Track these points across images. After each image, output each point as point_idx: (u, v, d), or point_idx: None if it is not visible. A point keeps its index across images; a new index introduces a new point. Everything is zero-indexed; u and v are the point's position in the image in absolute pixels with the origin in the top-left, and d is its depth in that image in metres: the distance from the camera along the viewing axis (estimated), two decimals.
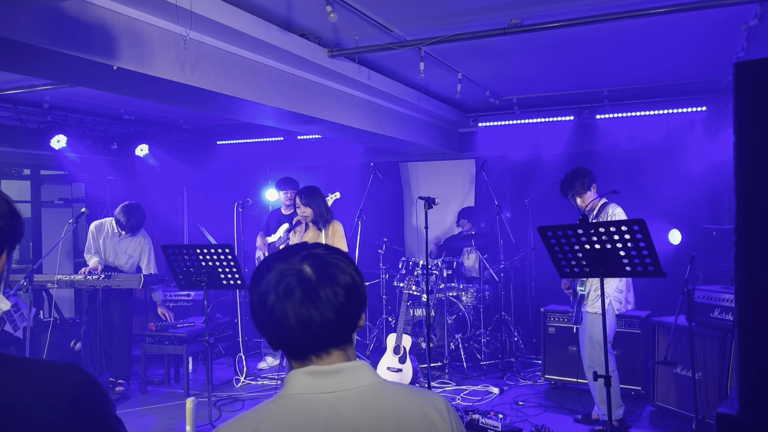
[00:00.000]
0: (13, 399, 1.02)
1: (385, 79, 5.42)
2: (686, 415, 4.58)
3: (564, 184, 4.59)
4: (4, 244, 1.13)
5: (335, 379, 1.15)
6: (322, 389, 1.14)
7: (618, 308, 4.41)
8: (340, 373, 1.16)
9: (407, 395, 1.21)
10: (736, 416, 2.15)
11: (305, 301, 1.13)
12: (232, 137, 8.41)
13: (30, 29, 2.85)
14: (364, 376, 1.18)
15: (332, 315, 1.15)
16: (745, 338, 2.15)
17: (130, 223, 5.64)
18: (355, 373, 1.17)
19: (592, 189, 4.54)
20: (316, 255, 1.18)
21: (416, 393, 1.23)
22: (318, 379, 1.15)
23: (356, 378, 1.17)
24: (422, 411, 1.19)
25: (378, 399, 1.16)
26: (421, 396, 1.22)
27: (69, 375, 1.07)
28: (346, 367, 1.17)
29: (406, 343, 5.51)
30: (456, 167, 7.95)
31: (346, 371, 1.17)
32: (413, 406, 1.19)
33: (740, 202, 2.15)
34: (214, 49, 3.91)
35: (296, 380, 1.16)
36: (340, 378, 1.16)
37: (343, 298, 1.16)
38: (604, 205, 4.51)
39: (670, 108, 6.40)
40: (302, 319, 1.13)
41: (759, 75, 2.13)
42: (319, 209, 4.83)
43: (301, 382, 1.16)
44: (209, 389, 4.69)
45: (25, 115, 6.16)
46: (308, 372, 1.16)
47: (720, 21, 4.15)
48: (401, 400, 1.18)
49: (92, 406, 1.08)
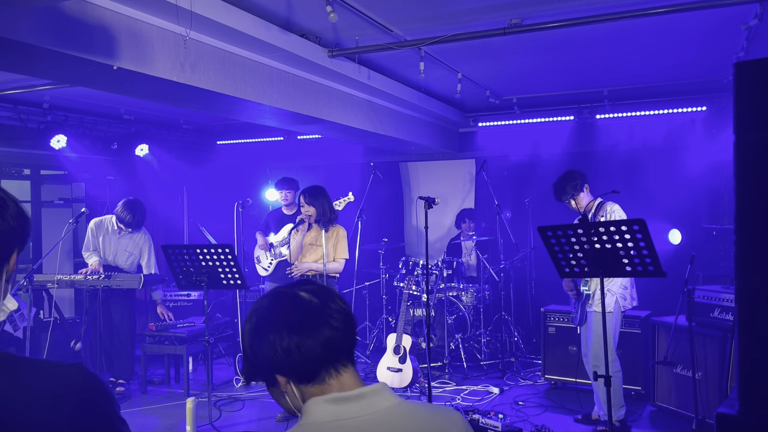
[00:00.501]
0: (17, 399, 1.02)
1: (385, 79, 5.42)
2: (686, 415, 4.58)
3: (556, 188, 4.60)
4: (14, 245, 1.14)
5: (358, 404, 1.15)
6: (346, 415, 1.14)
7: (624, 305, 4.41)
8: (362, 397, 1.16)
9: (429, 414, 1.23)
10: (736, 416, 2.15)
11: (317, 324, 1.17)
12: (232, 137, 8.41)
13: (30, 29, 2.85)
14: (385, 398, 1.19)
15: (343, 326, 1.20)
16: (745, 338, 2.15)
17: (136, 219, 5.63)
18: (377, 396, 1.18)
19: (585, 190, 4.54)
20: (308, 288, 1.23)
21: (436, 411, 1.25)
22: (341, 406, 1.15)
23: (378, 401, 1.17)
24: (444, 430, 1.21)
25: (403, 419, 1.17)
26: (441, 414, 1.24)
27: (73, 375, 1.07)
28: (367, 391, 1.17)
29: (406, 343, 5.51)
30: (456, 167, 7.95)
31: (368, 395, 1.17)
32: (436, 425, 1.21)
33: (740, 202, 2.15)
34: (214, 49, 3.91)
35: (317, 408, 1.15)
36: (362, 402, 1.16)
37: (346, 310, 1.21)
38: (601, 204, 4.51)
39: (670, 108, 6.40)
40: (322, 339, 1.16)
41: (759, 75, 2.13)
42: (323, 209, 4.83)
43: (323, 410, 1.15)
44: (209, 389, 4.69)
45: (25, 115, 6.16)
46: (329, 399, 1.16)
47: (720, 21, 4.15)
48: (424, 420, 1.20)
49: (97, 407, 1.08)
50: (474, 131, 7.62)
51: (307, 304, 1.18)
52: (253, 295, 7.20)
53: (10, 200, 1.13)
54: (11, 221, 1.11)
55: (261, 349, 1.18)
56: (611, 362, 4.38)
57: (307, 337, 1.15)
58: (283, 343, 1.15)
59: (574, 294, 4.58)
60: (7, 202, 1.12)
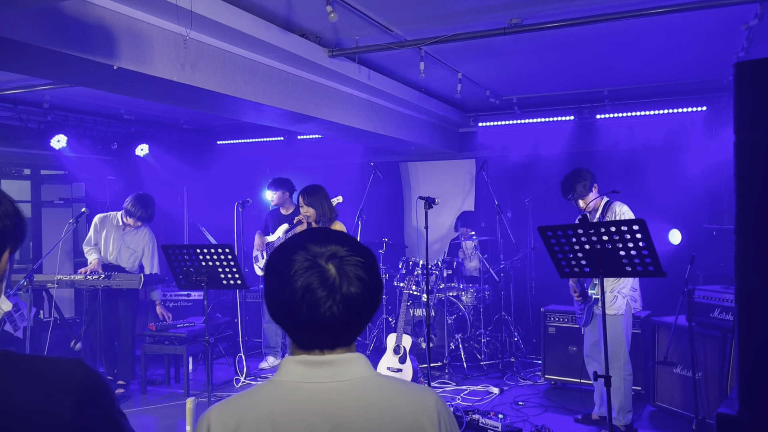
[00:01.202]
0: (19, 396, 1.03)
1: (385, 79, 5.42)
2: (686, 415, 4.58)
3: (564, 185, 4.54)
4: (5, 243, 1.14)
5: (326, 370, 1.15)
6: (312, 379, 1.15)
7: (635, 307, 4.42)
8: (332, 364, 1.16)
9: (398, 393, 1.20)
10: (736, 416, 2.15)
11: (326, 301, 1.13)
12: (232, 137, 8.41)
13: (30, 29, 2.85)
14: (357, 368, 1.18)
15: (351, 316, 1.16)
16: (745, 338, 2.15)
17: (148, 213, 5.65)
18: (348, 365, 1.17)
19: (593, 189, 4.51)
20: (340, 257, 1.16)
21: (408, 391, 1.21)
22: (309, 369, 1.16)
23: (348, 370, 1.17)
24: (411, 411, 1.18)
25: (367, 394, 1.16)
26: (412, 394, 1.21)
27: (74, 370, 1.08)
28: (338, 359, 1.17)
29: (406, 343, 5.51)
30: (456, 167, 7.95)
31: (339, 363, 1.17)
32: (402, 404, 1.18)
33: (740, 202, 2.15)
34: (214, 48, 3.91)
35: (288, 368, 1.17)
36: (331, 369, 1.16)
37: (361, 300, 1.16)
38: (608, 203, 4.47)
39: (670, 108, 6.40)
40: (319, 317, 1.14)
41: (759, 75, 2.13)
42: (323, 209, 4.82)
43: (292, 370, 1.17)
44: (209, 389, 4.69)
45: (25, 115, 6.16)
46: (300, 360, 1.17)
47: (720, 21, 4.15)
48: (391, 398, 1.18)
49: (97, 401, 1.09)
50: (474, 131, 7.62)
51: (329, 282, 1.14)
52: (254, 295, 7.20)
53: (6, 200, 1.13)
54: (6, 219, 1.11)
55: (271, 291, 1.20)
56: (624, 364, 4.37)
57: (300, 318, 1.15)
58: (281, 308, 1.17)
59: (580, 299, 4.53)
60: (2, 201, 1.12)
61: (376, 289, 1.20)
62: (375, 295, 1.19)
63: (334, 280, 1.14)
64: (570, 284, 4.54)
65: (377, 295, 1.20)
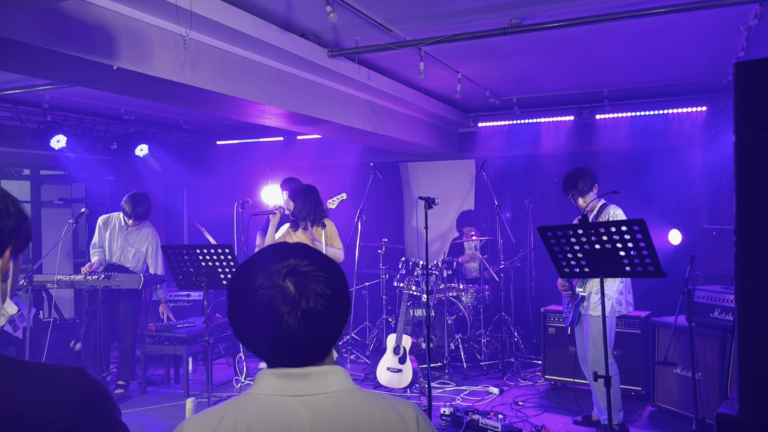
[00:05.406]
0: (17, 403, 1.01)
1: (385, 79, 5.42)
2: (686, 416, 4.58)
3: (567, 182, 4.56)
4: (7, 242, 1.12)
5: (302, 383, 1.14)
6: (288, 392, 1.14)
7: (619, 310, 4.40)
8: (308, 377, 1.15)
9: (377, 407, 1.17)
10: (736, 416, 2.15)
11: (286, 318, 1.11)
12: (232, 137, 8.41)
13: (30, 29, 2.85)
14: (334, 381, 1.16)
15: (315, 334, 1.13)
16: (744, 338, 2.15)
17: (136, 212, 5.63)
18: (324, 378, 1.15)
19: (594, 189, 4.52)
20: (300, 272, 1.13)
21: (387, 405, 1.19)
22: (285, 381, 1.14)
23: (325, 383, 1.15)
24: (389, 428, 1.15)
25: (341, 408, 1.14)
26: (391, 409, 1.18)
27: (73, 379, 1.06)
28: (315, 372, 1.15)
29: (406, 343, 5.51)
30: (456, 167, 7.95)
31: (315, 375, 1.15)
32: (376, 415, 1.16)
33: (740, 202, 2.15)
34: (213, 49, 3.91)
35: (265, 380, 1.16)
36: (307, 382, 1.14)
37: (325, 316, 1.13)
38: (603, 206, 4.49)
39: (670, 108, 6.40)
40: (282, 336, 1.12)
41: (759, 75, 2.13)
42: (306, 209, 4.80)
43: (269, 382, 1.16)
44: (209, 389, 4.68)
45: (25, 115, 6.16)
46: (277, 373, 1.15)
47: (720, 21, 4.15)
48: (366, 411, 1.16)
49: (97, 411, 1.07)
50: (474, 131, 7.62)
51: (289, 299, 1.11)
52: None
53: (11, 200, 1.13)
54: (8, 220, 1.11)
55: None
56: (610, 365, 4.37)
57: (263, 338, 1.14)
58: (244, 328, 1.17)
59: (569, 293, 4.55)
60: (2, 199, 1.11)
61: (341, 304, 1.16)
62: (340, 310, 1.16)
63: (294, 296, 1.11)
64: (559, 280, 4.53)
65: (343, 309, 1.17)
